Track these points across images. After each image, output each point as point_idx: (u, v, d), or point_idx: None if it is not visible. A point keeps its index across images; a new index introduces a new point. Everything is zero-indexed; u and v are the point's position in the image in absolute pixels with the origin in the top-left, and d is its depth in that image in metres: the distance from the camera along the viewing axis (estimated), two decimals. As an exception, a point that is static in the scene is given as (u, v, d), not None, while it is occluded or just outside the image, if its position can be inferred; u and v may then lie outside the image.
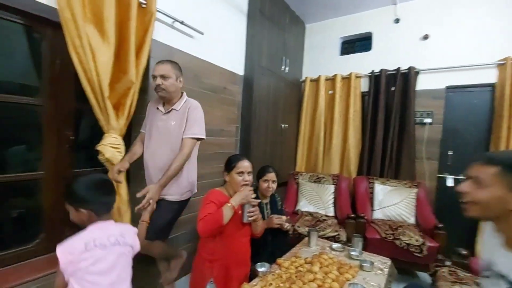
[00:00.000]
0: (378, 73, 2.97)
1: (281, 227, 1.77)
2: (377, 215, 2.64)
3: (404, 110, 2.83)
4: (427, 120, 2.78)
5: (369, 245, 2.20)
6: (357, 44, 3.37)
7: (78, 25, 1.28)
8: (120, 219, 1.55)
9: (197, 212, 1.75)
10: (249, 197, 1.45)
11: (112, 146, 1.45)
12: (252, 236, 1.62)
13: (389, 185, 2.72)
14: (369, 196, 2.75)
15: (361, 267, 1.54)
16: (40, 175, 1.46)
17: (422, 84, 2.83)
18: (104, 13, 1.36)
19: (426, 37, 2.80)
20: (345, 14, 3.26)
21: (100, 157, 1.46)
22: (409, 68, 2.81)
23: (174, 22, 1.85)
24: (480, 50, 2.58)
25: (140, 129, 1.70)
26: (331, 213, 2.77)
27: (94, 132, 1.54)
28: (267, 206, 1.89)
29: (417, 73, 2.83)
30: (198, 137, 1.58)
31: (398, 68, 2.87)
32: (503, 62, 2.44)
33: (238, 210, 1.45)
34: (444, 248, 2.15)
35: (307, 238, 1.90)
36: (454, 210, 1.79)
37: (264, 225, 1.70)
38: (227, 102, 2.43)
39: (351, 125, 3.09)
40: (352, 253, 1.71)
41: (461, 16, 2.67)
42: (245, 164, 1.54)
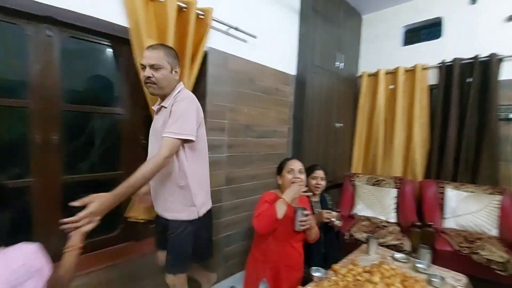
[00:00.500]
0: (450, 63, 2.62)
1: (331, 223, 1.71)
2: (449, 224, 2.34)
3: (484, 104, 2.44)
4: (515, 116, 2.35)
5: (438, 258, 1.96)
6: (423, 32, 3.02)
7: (142, 41, 1.43)
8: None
9: (251, 212, 1.81)
10: (300, 191, 1.45)
11: None
12: (306, 241, 1.60)
13: (465, 191, 2.38)
14: (439, 203, 2.46)
15: (429, 282, 1.39)
16: (120, 174, 1.68)
17: (507, 73, 2.40)
18: (166, 30, 1.49)
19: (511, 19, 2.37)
20: (408, 0, 2.95)
21: None
22: (490, 55, 2.41)
23: (229, 29, 1.93)
24: None
25: None
26: (393, 219, 2.56)
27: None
28: (317, 205, 1.86)
29: (500, 61, 2.41)
30: (179, 138, 1.16)
31: (476, 56, 2.48)
32: None
33: (291, 214, 1.45)
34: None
35: (365, 245, 1.79)
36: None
37: (316, 220, 1.66)
38: (280, 103, 2.43)
39: (416, 123, 2.79)
40: (419, 266, 1.55)
41: None
42: (295, 162, 1.57)
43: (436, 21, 2.82)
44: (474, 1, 2.56)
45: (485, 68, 2.44)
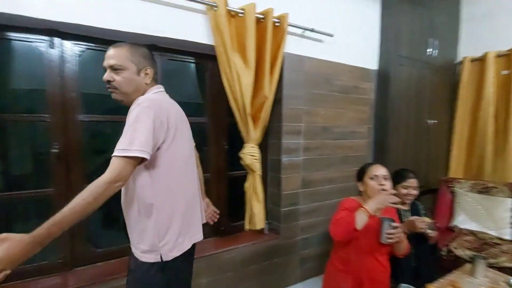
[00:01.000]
0: None
1: (425, 234, 1.50)
2: None
3: None
4: None
5: None
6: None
7: (228, 56, 1.55)
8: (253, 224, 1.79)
9: (328, 216, 1.76)
10: (387, 202, 1.31)
11: (250, 155, 1.71)
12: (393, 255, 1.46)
13: None
14: None
15: None
16: (208, 176, 1.88)
17: None
18: (247, 42, 1.58)
19: None
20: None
21: (242, 162, 1.75)
22: None
23: (304, 32, 1.91)
24: None
25: None
26: (508, 236, 2.09)
27: (237, 142, 1.82)
28: (407, 214, 1.66)
29: None
30: (127, 155, 0.84)
31: None
32: None
33: (375, 225, 1.34)
34: None
35: (469, 265, 1.52)
36: None
37: (406, 229, 1.49)
38: (358, 102, 2.28)
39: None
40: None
41: None
42: (378, 168, 1.44)
43: None
44: None
45: None
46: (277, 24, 1.70)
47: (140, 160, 0.88)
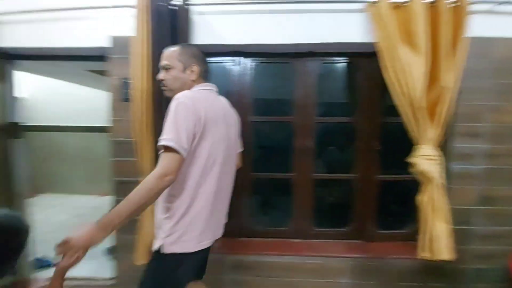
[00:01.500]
0: None
1: None
2: None
3: None
4: None
5: None
6: None
7: (396, 49, 1.42)
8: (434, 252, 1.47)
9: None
10: None
11: (428, 158, 1.42)
12: None
13: None
14: None
15: None
16: (353, 177, 1.83)
17: None
18: (417, 28, 1.40)
19: None
20: None
21: (413, 170, 1.46)
22: None
23: (495, 6, 1.48)
24: None
25: None
26: None
27: (397, 144, 1.64)
28: None
29: None
30: (164, 144, 0.91)
31: None
32: None
33: None
34: None
35: None
36: None
37: None
38: None
39: None
40: None
41: None
42: None
43: None
44: None
45: None
46: (456, 4, 1.40)
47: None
